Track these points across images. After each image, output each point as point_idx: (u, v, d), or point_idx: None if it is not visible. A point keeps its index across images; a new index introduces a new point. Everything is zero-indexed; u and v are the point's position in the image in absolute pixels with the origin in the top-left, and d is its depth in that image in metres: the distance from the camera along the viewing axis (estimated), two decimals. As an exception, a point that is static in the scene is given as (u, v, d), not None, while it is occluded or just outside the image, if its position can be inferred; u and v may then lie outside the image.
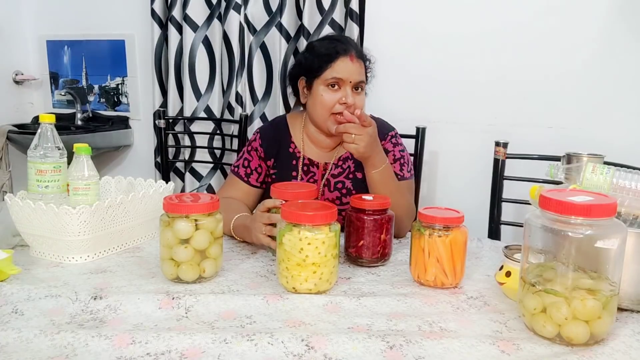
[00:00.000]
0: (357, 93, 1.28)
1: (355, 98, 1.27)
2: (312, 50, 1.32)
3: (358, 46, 1.32)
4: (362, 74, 1.28)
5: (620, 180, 0.88)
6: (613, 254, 0.73)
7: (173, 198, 0.95)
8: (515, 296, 0.86)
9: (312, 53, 1.30)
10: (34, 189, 1.08)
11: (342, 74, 1.25)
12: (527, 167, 1.53)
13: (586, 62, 1.72)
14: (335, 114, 1.26)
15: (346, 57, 1.25)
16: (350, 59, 1.25)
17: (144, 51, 2.34)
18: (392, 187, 1.21)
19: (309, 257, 0.88)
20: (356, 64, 1.26)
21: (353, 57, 1.26)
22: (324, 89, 1.27)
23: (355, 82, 1.26)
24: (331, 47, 1.27)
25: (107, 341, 0.71)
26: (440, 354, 0.71)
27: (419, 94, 1.93)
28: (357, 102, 1.27)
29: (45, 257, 1.05)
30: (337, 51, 1.26)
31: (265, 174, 1.40)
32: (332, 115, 1.27)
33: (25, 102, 2.61)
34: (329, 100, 1.26)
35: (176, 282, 0.94)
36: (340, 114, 1.24)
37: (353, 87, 1.27)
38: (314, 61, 1.28)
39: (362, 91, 1.30)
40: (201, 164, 2.21)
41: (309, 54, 1.31)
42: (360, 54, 1.30)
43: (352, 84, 1.26)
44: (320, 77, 1.27)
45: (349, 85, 1.26)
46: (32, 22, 2.55)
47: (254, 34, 2.04)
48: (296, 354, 0.70)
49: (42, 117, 1.08)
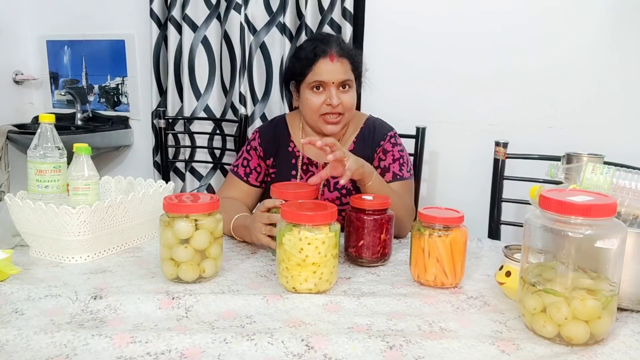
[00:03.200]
0: (344, 92, 1.28)
1: (343, 97, 1.27)
2: (296, 54, 1.33)
3: (342, 44, 1.30)
4: (346, 72, 1.27)
5: (620, 180, 0.88)
6: (613, 254, 0.73)
7: (173, 198, 0.95)
8: (515, 296, 0.86)
9: (296, 57, 1.31)
10: (34, 189, 1.08)
11: (323, 76, 1.25)
12: (527, 167, 1.53)
13: (586, 62, 1.72)
14: (324, 115, 1.27)
15: (326, 58, 1.25)
16: (330, 59, 1.25)
17: (143, 51, 2.34)
18: (388, 190, 1.21)
19: (309, 257, 0.88)
20: (337, 64, 1.26)
21: (334, 57, 1.25)
22: (309, 92, 1.28)
23: (339, 82, 1.26)
24: (310, 49, 1.27)
25: (107, 340, 0.71)
26: (440, 354, 0.71)
27: (419, 94, 1.93)
28: (344, 101, 1.27)
29: (45, 257, 1.05)
30: (316, 54, 1.25)
31: (265, 173, 1.40)
32: (321, 116, 1.28)
33: (25, 102, 2.61)
34: (315, 103, 1.27)
35: (176, 282, 0.94)
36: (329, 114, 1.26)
37: (339, 86, 1.27)
38: (296, 66, 1.30)
39: (349, 89, 1.29)
40: (201, 163, 2.21)
41: (294, 59, 1.33)
42: (343, 52, 1.28)
43: (336, 84, 1.26)
44: (305, 81, 1.28)
45: (333, 85, 1.26)
46: (32, 22, 2.55)
47: (254, 34, 2.04)
48: (296, 353, 0.70)
49: (42, 117, 1.08)
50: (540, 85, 1.78)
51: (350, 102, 1.29)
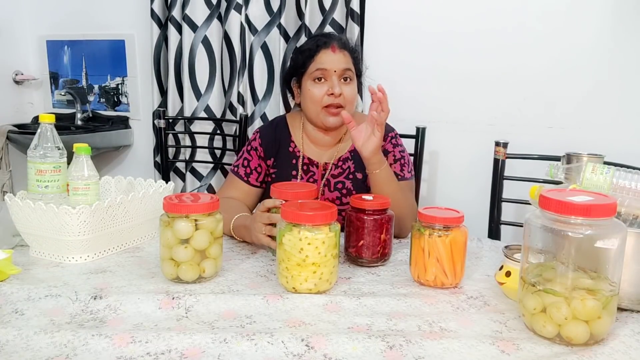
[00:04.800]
0: (345, 84, 1.28)
1: (344, 88, 1.27)
2: (297, 51, 1.36)
3: (343, 38, 1.33)
4: (347, 63, 1.29)
5: (620, 180, 0.88)
6: (613, 253, 0.73)
7: (173, 198, 0.95)
8: (515, 296, 0.86)
9: (297, 52, 1.34)
10: (34, 189, 1.08)
11: (324, 64, 1.27)
12: (527, 167, 1.53)
13: (586, 61, 1.72)
14: (327, 107, 1.28)
15: (327, 49, 1.28)
16: (332, 50, 1.27)
17: (143, 51, 2.34)
18: (395, 186, 1.21)
19: (309, 257, 0.88)
20: (339, 54, 1.28)
21: (335, 48, 1.28)
22: (311, 84, 1.29)
23: (341, 71, 1.27)
24: (312, 42, 1.31)
25: (107, 340, 0.71)
26: (440, 354, 0.71)
27: (419, 94, 1.93)
28: (345, 93, 1.27)
29: (45, 257, 1.05)
30: (318, 45, 1.28)
31: (265, 174, 1.40)
32: (324, 108, 1.28)
33: (25, 102, 2.61)
34: (317, 94, 1.28)
35: (176, 282, 0.94)
36: (331, 105, 1.26)
37: (340, 77, 1.28)
38: (298, 58, 1.32)
39: (351, 82, 1.30)
40: (201, 164, 2.21)
41: (295, 54, 1.36)
42: (344, 45, 1.30)
43: (338, 73, 1.27)
44: (306, 73, 1.30)
45: (335, 74, 1.27)
46: (32, 22, 2.55)
47: (255, 34, 2.04)
48: (296, 353, 0.70)
49: (42, 117, 1.08)
50: (540, 85, 1.78)
51: (352, 94, 1.30)
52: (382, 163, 1.18)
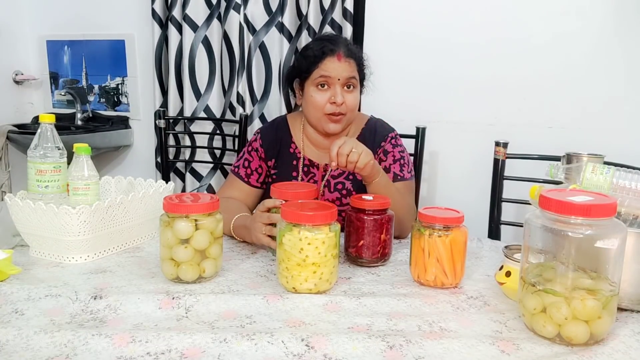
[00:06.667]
0: (348, 91, 1.28)
1: (347, 96, 1.27)
2: (302, 52, 1.33)
3: (349, 45, 1.31)
4: (352, 71, 1.28)
5: (620, 180, 0.88)
6: (613, 253, 0.73)
7: (173, 198, 0.95)
8: (515, 296, 0.86)
9: (302, 55, 1.32)
10: (34, 189, 1.08)
11: (329, 72, 1.25)
12: (527, 167, 1.53)
13: (586, 62, 1.72)
14: (329, 115, 1.27)
15: (333, 56, 1.26)
16: (337, 58, 1.26)
17: (144, 51, 2.34)
18: (392, 191, 1.21)
19: (309, 257, 0.88)
20: (344, 63, 1.26)
21: (341, 56, 1.26)
22: (314, 90, 1.28)
23: (345, 80, 1.26)
24: (319, 47, 1.28)
25: (107, 340, 0.71)
26: (440, 354, 0.71)
27: (419, 94, 1.93)
28: (348, 101, 1.27)
29: (45, 257, 1.05)
30: (324, 52, 1.26)
31: (266, 175, 1.40)
32: (326, 115, 1.28)
33: (25, 102, 2.61)
34: (320, 100, 1.27)
35: (176, 282, 0.94)
36: (333, 114, 1.25)
37: (344, 85, 1.27)
38: (302, 62, 1.30)
39: (354, 89, 1.29)
40: (201, 164, 2.21)
41: (300, 56, 1.33)
42: (350, 53, 1.28)
43: (341, 81, 1.26)
44: (310, 78, 1.28)
45: (338, 83, 1.26)
46: (32, 22, 2.55)
47: (254, 34, 2.04)
48: (296, 353, 0.70)
49: (42, 117, 1.08)
50: (540, 85, 1.78)
51: (354, 102, 1.29)
52: (378, 173, 1.17)
